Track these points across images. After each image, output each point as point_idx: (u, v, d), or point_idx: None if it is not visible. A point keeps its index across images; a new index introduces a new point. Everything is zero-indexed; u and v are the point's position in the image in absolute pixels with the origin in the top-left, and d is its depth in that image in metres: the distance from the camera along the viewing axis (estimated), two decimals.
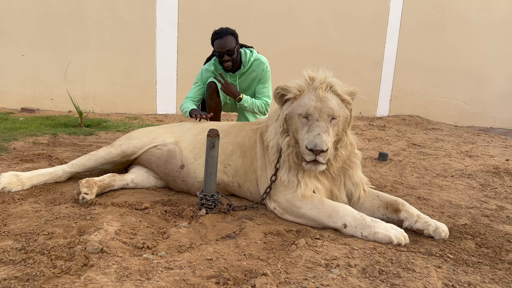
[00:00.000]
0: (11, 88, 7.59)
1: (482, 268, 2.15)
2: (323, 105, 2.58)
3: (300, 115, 2.63)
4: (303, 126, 2.63)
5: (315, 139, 2.49)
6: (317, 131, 2.53)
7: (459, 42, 9.40)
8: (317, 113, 2.57)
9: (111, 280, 1.77)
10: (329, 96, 2.63)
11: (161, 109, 8.25)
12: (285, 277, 1.88)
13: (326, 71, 2.78)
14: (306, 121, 2.61)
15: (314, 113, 2.58)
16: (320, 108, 2.57)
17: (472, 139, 6.78)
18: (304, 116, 2.62)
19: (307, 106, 2.59)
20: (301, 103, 2.64)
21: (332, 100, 2.62)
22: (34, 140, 4.50)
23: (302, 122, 2.63)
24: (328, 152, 2.56)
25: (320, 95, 2.61)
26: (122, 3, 7.74)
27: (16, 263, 1.90)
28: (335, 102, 2.63)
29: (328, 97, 2.62)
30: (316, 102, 2.59)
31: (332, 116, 2.60)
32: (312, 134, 2.52)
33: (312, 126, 2.56)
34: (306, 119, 2.61)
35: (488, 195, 3.66)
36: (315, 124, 2.56)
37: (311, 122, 2.58)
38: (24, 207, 2.62)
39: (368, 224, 2.46)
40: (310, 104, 2.59)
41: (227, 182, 3.10)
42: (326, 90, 2.65)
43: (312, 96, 2.62)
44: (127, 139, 3.32)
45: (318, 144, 2.48)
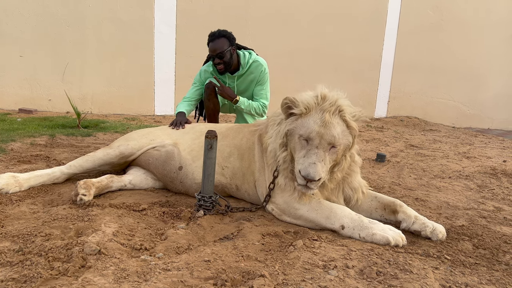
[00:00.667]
0: (9, 88, 7.58)
1: (479, 269, 2.16)
2: (326, 132, 2.47)
3: (301, 136, 2.53)
4: (301, 149, 2.54)
5: (309, 168, 2.42)
6: (313, 159, 2.44)
7: (457, 44, 9.43)
8: (318, 140, 2.48)
9: (109, 282, 1.77)
10: (335, 121, 2.52)
11: (159, 110, 8.24)
12: (283, 279, 1.88)
13: (340, 91, 2.68)
14: (306, 144, 2.52)
15: (315, 138, 2.48)
16: (322, 134, 2.47)
17: (469, 140, 6.80)
18: (304, 139, 2.53)
19: (310, 130, 2.49)
20: (305, 124, 2.53)
21: (337, 127, 2.51)
22: (31, 141, 4.49)
23: (301, 144, 2.54)
24: (320, 181, 2.49)
25: (325, 120, 2.49)
26: (120, 4, 7.74)
27: (13, 264, 1.90)
28: (340, 130, 2.52)
29: (334, 123, 2.51)
30: (319, 127, 2.48)
31: (332, 145, 2.50)
32: (308, 162, 2.45)
33: (310, 152, 2.48)
34: (306, 142, 2.52)
35: (486, 196, 3.67)
36: (313, 151, 2.47)
37: (310, 147, 2.50)
38: (22, 208, 2.62)
39: (366, 226, 2.47)
40: (313, 128, 2.48)
41: (225, 184, 3.10)
42: (334, 114, 2.54)
43: (317, 119, 2.51)
44: (125, 140, 3.32)
45: (311, 174, 2.41)
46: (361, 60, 9.06)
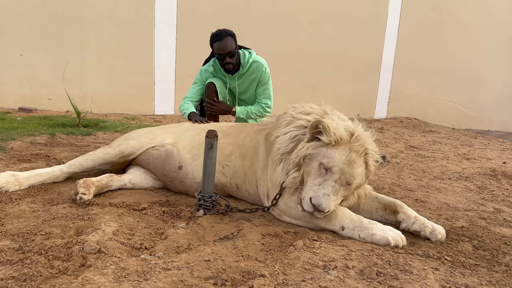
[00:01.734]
0: (9, 87, 7.57)
1: (479, 271, 2.16)
2: (348, 170, 2.48)
3: (322, 164, 2.50)
4: (318, 176, 2.50)
5: (322, 198, 2.40)
6: (328, 191, 2.43)
7: (457, 45, 9.44)
8: (338, 175, 2.47)
9: (109, 281, 1.76)
10: (359, 161, 2.53)
11: (159, 110, 8.24)
12: (283, 279, 1.88)
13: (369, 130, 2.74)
14: (325, 173, 2.49)
15: (336, 173, 2.47)
16: (345, 172, 2.47)
17: (469, 142, 6.81)
18: (324, 168, 2.50)
19: (334, 163, 2.46)
20: (330, 155, 2.49)
21: (359, 168, 2.52)
22: (31, 140, 4.49)
23: (320, 172, 2.51)
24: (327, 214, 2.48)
25: (351, 159, 2.49)
26: (120, 3, 7.73)
27: (13, 263, 1.89)
28: (360, 170, 2.54)
29: (357, 164, 2.52)
30: (344, 163, 2.47)
31: (349, 183, 2.52)
32: (322, 192, 2.43)
33: (326, 183, 2.45)
34: (326, 171, 2.49)
35: (485, 197, 3.67)
36: (330, 183, 2.45)
37: (328, 178, 2.47)
38: (22, 207, 2.62)
39: (366, 226, 2.47)
40: (337, 163, 2.46)
41: (224, 183, 3.09)
42: (360, 155, 2.54)
43: (343, 156, 2.48)
44: (125, 140, 3.31)
45: (323, 205, 2.39)
46: (361, 61, 9.07)
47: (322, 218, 2.55)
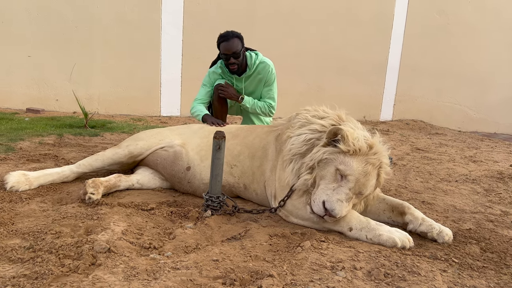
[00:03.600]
0: (17, 88, 7.64)
1: (487, 273, 2.16)
2: (363, 181, 2.51)
3: (339, 170, 2.51)
4: (333, 181, 2.52)
5: (336, 204, 2.43)
6: (342, 197, 2.45)
7: (463, 47, 9.41)
8: (353, 183, 2.49)
9: (119, 280, 1.78)
10: (373, 173, 2.57)
11: (165, 111, 8.28)
12: (291, 279, 1.89)
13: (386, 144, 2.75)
14: (340, 179, 2.51)
15: (351, 181, 2.49)
16: (360, 182, 2.50)
17: (476, 144, 6.78)
18: (341, 174, 2.52)
19: (351, 171, 2.48)
20: (347, 163, 2.51)
21: (373, 180, 2.58)
22: (40, 141, 4.53)
23: (336, 177, 2.52)
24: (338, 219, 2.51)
25: (368, 171, 2.52)
26: (128, 5, 7.79)
27: (24, 261, 1.92)
28: (373, 182, 2.59)
29: (373, 175, 2.56)
30: (359, 174, 2.50)
31: (361, 193, 2.56)
32: (336, 197, 2.45)
33: (341, 189, 2.48)
34: (341, 178, 2.51)
35: (493, 200, 3.66)
36: (345, 190, 2.48)
37: (343, 184, 2.50)
38: (32, 206, 2.65)
39: (373, 227, 2.48)
40: (354, 172, 2.48)
41: (232, 183, 3.11)
42: (375, 168, 2.57)
43: (360, 166, 2.50)
44: (134, 140, 3.34)
45: (336, 211, 2.42)
46: (366, 63, 9.06)
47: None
